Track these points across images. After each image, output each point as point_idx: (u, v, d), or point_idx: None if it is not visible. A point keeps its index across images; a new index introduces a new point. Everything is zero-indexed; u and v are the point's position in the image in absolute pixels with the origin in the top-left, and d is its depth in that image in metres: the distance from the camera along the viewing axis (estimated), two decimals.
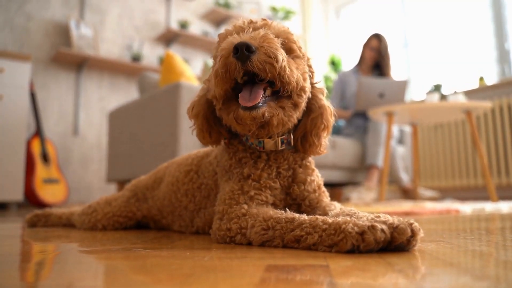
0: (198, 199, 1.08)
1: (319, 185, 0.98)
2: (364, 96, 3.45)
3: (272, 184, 0.91)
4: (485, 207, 2.17)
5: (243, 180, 0.91)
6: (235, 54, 0.77)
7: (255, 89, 0.82)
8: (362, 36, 4.14)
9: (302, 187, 0.94)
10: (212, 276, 0.51)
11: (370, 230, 0.64)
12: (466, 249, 0.70)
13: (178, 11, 5.11)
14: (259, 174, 0.91)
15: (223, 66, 0.79)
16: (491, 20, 4.44)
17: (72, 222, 1.40)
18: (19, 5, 3.94)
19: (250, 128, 0.85)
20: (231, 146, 0.97)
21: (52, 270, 0.60)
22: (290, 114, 0.87)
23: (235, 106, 0.84)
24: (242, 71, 0.79)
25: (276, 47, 0.79)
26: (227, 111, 0.86)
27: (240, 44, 0.76)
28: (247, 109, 0.80)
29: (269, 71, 0.79)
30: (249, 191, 0.89)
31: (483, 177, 3.96)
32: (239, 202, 0.87)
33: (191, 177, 1.10)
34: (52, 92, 4.07)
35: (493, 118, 4.10)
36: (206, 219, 1.05)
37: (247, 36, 0.80)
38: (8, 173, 3.19)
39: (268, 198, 0.90)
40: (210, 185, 1.04)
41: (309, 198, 0.94)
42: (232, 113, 0.84)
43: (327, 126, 0.96)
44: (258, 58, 0.77)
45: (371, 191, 3.31)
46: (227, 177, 0.95)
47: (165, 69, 2.86)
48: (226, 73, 0.80)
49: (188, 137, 2.41)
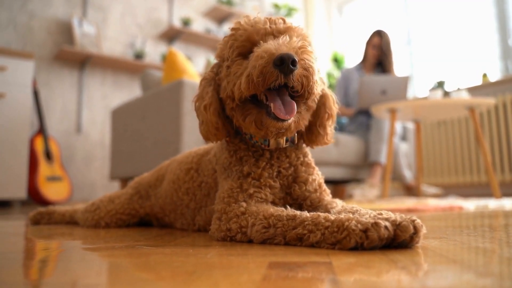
0: (198, 198, 1.07)
1: (320, 184, 0.97)
2: (366, 94, 3.44)
3: (272, 183, 0.90)
4: (488, 204, 2.17)
5: (242, 178, 0.90)
6: (278, 65, 0.75)
7: (288, 101, 0.81)
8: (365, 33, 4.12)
9: (304, 187, 0.93)
10: (215, 273, 0.51)
11: (373, 227, 0.64)
12: (469, 246, 0.70)
13: (181, 8, 5.10)
14: (259, 173, 0.90)
15: (260, 74, 0.77)
16: (495, 17, 4.41)
17: (75, 219, 1.41)
18: (22, 3, 3.94)
19: (269, 134, 0.85)
20: (232, 144, 0.96)
21: (56, 267, 0.60)
22: (304, 118, 0.88)
23: (255, 110, 0.83)
24: (283, 83, 0.77)
25: (313, 61, 0.79)
26: (243, 112, 0.85)
27: (286, 57, 0.74)
28: (280, 120, 0.80)
29: (304, 84, 0.79)
30: (248, 189, 0.88)
31: (487, 174, 3.95)
32: (238, 200, 0.86)
33: (191, 175, 1.10)
34: (55, 90, 4.08)
35: (496, 115, 4.09)
36: (207, 217, 1.05)
37: (286, 46, 0.78)
38: (12, 171, 3.20)
39: (268, 196, 0.89)
40: (210, 183, 1.04)
41: (310, 198, 0.94)
42: (252, 116, 0.83)
43: (331, 114, 0.94)
44: (298, 72, 0.77)
45: (374, 188, 3.31)
46: (226, 174, 0.94)
47: (167, 67, 2.86)
48: (263, 81, 0.78)
49: (191, 135, 2.41)
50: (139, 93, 4.46)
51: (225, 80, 0.87)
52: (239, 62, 0.85)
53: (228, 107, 0.89)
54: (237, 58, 0.86)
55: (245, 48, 0.86)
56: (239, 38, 0.86)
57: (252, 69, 0.78)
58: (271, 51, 0.76)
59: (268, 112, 0.81)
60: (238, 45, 0.86)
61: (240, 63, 0.85)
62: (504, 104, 4.03)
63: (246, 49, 0.85)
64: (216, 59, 0.95)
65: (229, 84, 0.86)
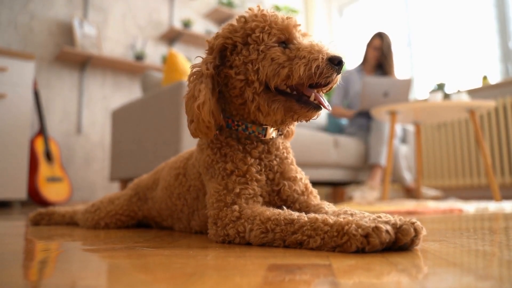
0: (190, 202, 1.07)
1: (306, 186, 0.96)
2: (369, 95, 3.44)
3: (259, 177, 0.90)
4: (488, 207, 2.17)
5: (226, 177, 0.89)
6: (336, 65, 0.82)
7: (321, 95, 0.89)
8: (365, 35, 4.12)
9: (293, 187, 0.93)
10: (214, 275, 0.51)
11: (375, 232, 0.64)
12: (469, 248, 0.70)
13: (181, 10, 5.11)
14: (245, 169, 0.90)
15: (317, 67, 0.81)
16: (495, 19, 4.42)
17: (75, 220, 1.41)
18: (23, 4, 3.95)
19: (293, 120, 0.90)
20: (217, 141, 0.95)
21: (55, 268, 0.60)
22: None
23: (283, 98, 0.87)
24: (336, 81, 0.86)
25: None
26: (269, 99, 0.87)
27: (343, 60, 0.82)
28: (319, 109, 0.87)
29: None
30: (234, 188, 0.87)
31: (487, 177, 3.95)
32: (227, 202, 0.86)
33: (180, 180, 1.10)
34: (55, 91, 4.08)
35: (496, 117, 4.09)
36: (201, 220, 1.04)
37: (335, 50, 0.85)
38: (12, 172, 3.20)
39: (256, 190, 0.89)
40: (197, 185, 1.03)
41: (299, 201, 0.94)
42: (280, 103, 0.87)
43: None
44: None
45: (374, 190, 3.30)
46: (210, 175, 0.93)
47: (168, 68, 2.86)
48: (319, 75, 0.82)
49: (191, 136, 2.41)
50: (139, 94, 4.46)
51: (259, 64, 0.86)
52: (279, 50, 0.86)
53: (250, 91, 0.87)
54: (275, 44, 0.86)
55: (281, 38, 0.87)
56: (274, 26, 0.87)
57: (312, 62, 0.81)
58: (326, 51, 0.83)
59: (301, 101, 0.87)
60: (275, 33, 0.87)
61: (281, 51, 0.86)
62: (504, 106, 4.03)
63: (282, 39, 0.87)
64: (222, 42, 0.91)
65: (264, 68, 0.85)
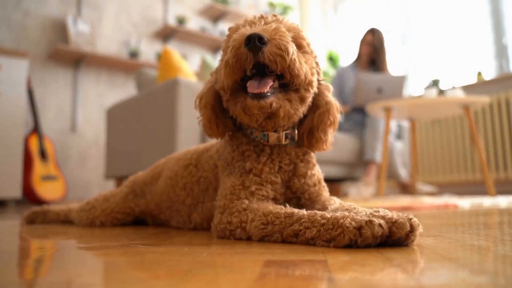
0: (196, 193, 1.08)
1: (319, 180, 0.98)
2: (363, 91, 3.44)
3: (273, 178, 0.92)
4: (483, 202, 2.18)
5: (244, 175, 0.91)
6: (247, 44, 0.77)
7: (264, 78, 0.82)
8: (360, 31, 4.13)
9: (303, 180, 0.94)
10: (211, 271, 0.51)
11: (367, 225, 0.65)
12: (464, 243, 0.70)
13: (176, 7, 5.09)
14: (260, 168, 0.91)
15: (234, 56, 0.80)
16: (489, 15, 4.43)
17: (70, 218, 1.40)
18: (16, 2, 3.92)
19: (257, 119, 0.85)
20: (235, 139, 0.97)
21: (51, 267, 0.60)
22: (296, 108, 0.87)
23: (243, 97, 0.84)
24: (253, 62, 0.79)
25: (287, 40, 0.80)
26: (234, 101, 0.86)
27: (253, 35, 0.76)
28: (256, 97, 0.81)
29: (280, 63, 0.79)
30: (250, 186, 0.89)
31: (481, 172, 3.97)
32: (240, 197, 0.88)
33: (190, 170, 1.10)
34: (50, 89, 4.06)
35: (491, 113, 4.11)
36: (204, 213, 1.05)
37: (259, 28, 0.80)
38: (6, 170, 3.18)
39: (269, 193, 0.90)
40: (210, 178, 1.05)
41: (309, 191, 0.95)
42: (240, 103, 0.84)
43: (334, 122, 0.96)
44: (270, 50, 0.78)
45: (370, 187, 3.32)
46: (229, 171, 0.95)
47: (162, 65, 2.85)
48: (237, 63, 0.80)
49: (186, 133, 2.41)
50: (134, 92, 4.45)
51: (219, 74, 0.88)
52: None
53: (224, 100, 0.91)
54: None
55: None
56: (233, 32, 0.89)
57: (229, 53, 0.80)
58: (243, 34, 0.79)
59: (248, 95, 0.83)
60: None
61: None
62: (498, 102, 4.05)
63: None
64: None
65: (220, 76, 0.88)
